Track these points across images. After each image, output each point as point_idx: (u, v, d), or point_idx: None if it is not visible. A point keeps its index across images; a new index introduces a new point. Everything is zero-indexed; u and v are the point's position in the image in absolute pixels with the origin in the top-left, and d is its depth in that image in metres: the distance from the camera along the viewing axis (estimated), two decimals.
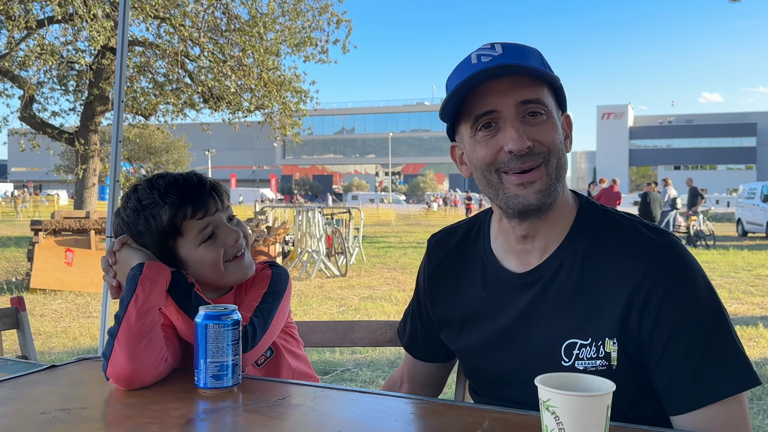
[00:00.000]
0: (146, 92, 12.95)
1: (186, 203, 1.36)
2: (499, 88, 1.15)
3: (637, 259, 1.16)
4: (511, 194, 1.18)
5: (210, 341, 1.18)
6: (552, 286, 1.21)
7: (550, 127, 1.18)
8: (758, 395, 4.17)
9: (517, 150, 1.14)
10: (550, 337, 1.20)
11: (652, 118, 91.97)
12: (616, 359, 1.15)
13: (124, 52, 3.38)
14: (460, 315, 1.34)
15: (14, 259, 11.76)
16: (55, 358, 5.04)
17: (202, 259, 1.37)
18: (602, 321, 1.16)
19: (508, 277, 1.27)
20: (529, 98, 1.16)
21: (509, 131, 1.15)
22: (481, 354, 1.30)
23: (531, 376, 1.21)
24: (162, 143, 30.63)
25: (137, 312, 1.24)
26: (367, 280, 9.62)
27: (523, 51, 1.19)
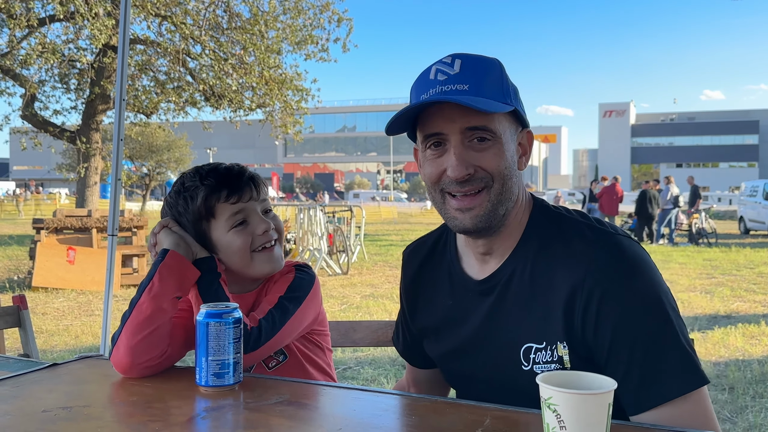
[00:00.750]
0: (148, 90, 12.95)
1: (222, 187, 1.40)
2: (447, 113, 1.17)
3: (578, 261, 1.17)
4: (451, 215, 1.22)
5: (211, 339, 1.18)
6: (508, 292, 1.23)
7: (495, 153, 1.18)
8: (760, 393, 4.17)
9: (454, 177, 1.17)
10: (509, 342, 1.22)
11: (654, 116, 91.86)
12: (569, 362, 1.16)
13: (126, 50, 3.38)
14: (433, 323, 1.37)
15: (16, 258, 11.78)
16: (57, 356, 5.05)
17: (230, 244, 1.41)
18: (553, 324, 1.17)
19: (470, 284, 1.30)
20: (475, 125, 1.17)
21: (450, 158, 1.18)
22: (453, 361, 1.34)
23: (500, 382, 1.24)
24: (164, 141, 30.55)
25: (149, 300, 1.28)
26: (368, 278, 9.62)
27: (480, 71, 1.19)
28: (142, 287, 1.30)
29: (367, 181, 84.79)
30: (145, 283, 1.30)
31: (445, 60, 1.22)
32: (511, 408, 1.08)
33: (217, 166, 1.46)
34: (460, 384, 1.39)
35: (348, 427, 1.01)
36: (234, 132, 15.94)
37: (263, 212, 1.45)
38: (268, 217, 1.46)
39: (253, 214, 1.42)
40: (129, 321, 1.29)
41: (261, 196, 1.45)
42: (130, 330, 1.27)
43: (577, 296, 1.14)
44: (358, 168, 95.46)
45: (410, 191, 78.38)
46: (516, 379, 1.22)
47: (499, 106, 1.17)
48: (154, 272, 1.30)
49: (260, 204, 1.45)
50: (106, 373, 1.32)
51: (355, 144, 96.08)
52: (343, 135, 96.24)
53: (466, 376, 1.33)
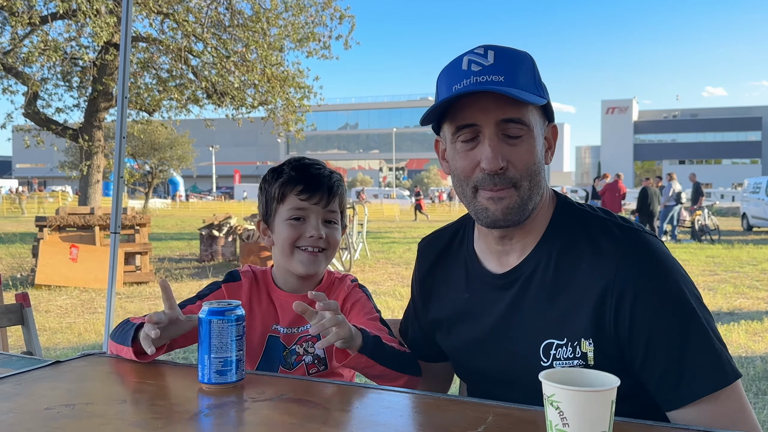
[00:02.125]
0: (150, 88, 12.96)
1: (300, 181, 1.48)
2: (483, 103, 1.16)
3: (607, 259, 1.16)
4: (481, 207, 1.21)
5: (213, 337, 1.18)
6: (529, 287, 1.23)
7: (527, 148, 1.18)
8: (764, 390, 4.16)
9: (489, 169, 1.16)
10: (528, 337, 1.21)
11: (657, 113, 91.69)
12: (593, 359, 1.16)
13: (128, 48, 3.38)
14: (447, 316, 1.36)
15: (19, 256, 11.80)
16: (60, 354, 5.06)
17: (281, 232, 1.49)
18: (577, 321, 1.17)
19: (488, 277, 1.29)
20: (511, 117, 1.16)
21: (486, 149, 1.16)
22: (467, 354, 1.33)
23: (515, 377, 1.23)
24: (166, 139, 30.55)
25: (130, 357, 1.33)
26: (371, 276, 9.62)
27: (515, 63, 1.18)
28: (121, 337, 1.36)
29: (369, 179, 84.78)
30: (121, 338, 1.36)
31: (478, 51, 1.20)
32: (514, 405, 1.08)
33: (311, 164, 1.53)
34: (472, 378, 1.38)
35: (351, 425, 1.01)
36: (236, 129, 15.96)
37: (325, 221, 1.50)
38: (329, 227, 1.50)
39: (312, 216, 1.48)
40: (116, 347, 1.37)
41: (330, 206, 1.49)
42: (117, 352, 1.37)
43: (608, 295, 1.14)
44: (360, 165, 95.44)
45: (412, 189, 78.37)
46: (532, 375, 1.20)
47: (534, 97, 1.17)
48: (123, 341, 1.34)
49: (326, 212, 1.49)
50: (108, 370, 1.32)
51: (357, 141, 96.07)
52: (345, 132, 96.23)
53: (480, 370, 1.31)
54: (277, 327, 1.49)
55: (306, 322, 1.44)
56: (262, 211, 1.56)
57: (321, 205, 1.48)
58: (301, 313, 1.24)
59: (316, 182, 1.48)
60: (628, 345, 1.14)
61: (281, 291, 1.52)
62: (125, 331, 1.35)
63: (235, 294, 1.50)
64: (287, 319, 1.49)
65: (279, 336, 1.48)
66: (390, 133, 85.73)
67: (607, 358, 1.15)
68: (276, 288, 1.53)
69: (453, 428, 0.99)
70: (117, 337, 1.38)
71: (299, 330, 1.48)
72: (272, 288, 1.53)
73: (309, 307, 1.24)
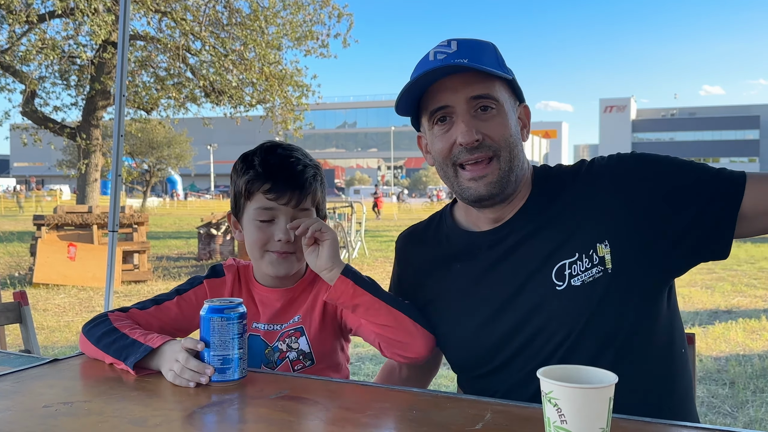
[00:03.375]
0: (148, 87, 12.94)
1: (267, 179, 1.37)
2: (451, 85, 1.23)
3: (591, 177, 1.27)
4: (465, 186, 1.26)
5: (214, 334, 1.17)
6: (523, 231, 1.27)
7: (500, 121, 1.25)
8: (761, 388, 4.17)
9: (465, 143, 1.22)
10: (536, 270, 1.24)
11: (655, 111, 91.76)
12: (610, 261, 1.19)
13: (126, 46, 3.37)
14: (439, 294, 1.36)
15: (17, 254, 11.79)
16: (58, 352, 5.06)
17: (249, 232, 1.40)
18: (585, 233, 1.22)
19: (477, 237, 1.33)
20: (479, 93, 1.23)
21: (460, 125, 1.23)
22: (468, 316, 1.31)
23: (527, 317, 1.23)
24: (164, 138, 30.51)
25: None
26: (369, 274, 9.54)
27: (477, 48, 1.26)
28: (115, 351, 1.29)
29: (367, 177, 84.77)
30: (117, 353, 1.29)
31: (442, 44, 1.27)
32: (512, 402, 1.08)
33: (283, 156, 1.40)
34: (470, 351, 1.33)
35: (349, 422, 1.01)
36: (234, 128, 15.92)
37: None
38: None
39: (281, 217, 1.37)
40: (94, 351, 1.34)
41: (302, 204, 1.38)
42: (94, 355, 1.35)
43: (610, 197, 1.22)
44: (358, 164, 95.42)
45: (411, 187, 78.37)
46: (547, 305, 1.22)
47: (498, 71, 1.22)
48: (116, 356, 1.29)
49: (297, 211, 1.38)
50: (106, 368, 1.32)
51: (355, 140, 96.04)
52: (344, 131, 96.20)
53: (482, 326, 1.28)
54: (257, 325, 1.43)
55: (288, 317, 1.42)
56: (231, 204, 1.46)
57: (291, 205, 1.37)
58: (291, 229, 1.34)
59: (285, 180, 1.36)
60: (667, 228, 1.19)
61: (261, 286, 1.46)
62: (120, 344, 1.28)
63: (217, 290, 1.45)
64: (267, 315, 1.43)
65: (259, 334, 1.42)
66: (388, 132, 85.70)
67: (624, 256, 1.19)
68: (256, 283, 1.47)
69: (451, 425, 0.99)
70: (105, 345, 1.31)
71: (281, 327, 1.42)
72: (253, 283, 1.47)
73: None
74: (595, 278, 1.19)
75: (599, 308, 1.19)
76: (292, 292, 1.45)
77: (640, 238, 1.20)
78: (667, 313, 1.27)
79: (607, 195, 1.23)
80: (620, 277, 1.19)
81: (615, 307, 1.19)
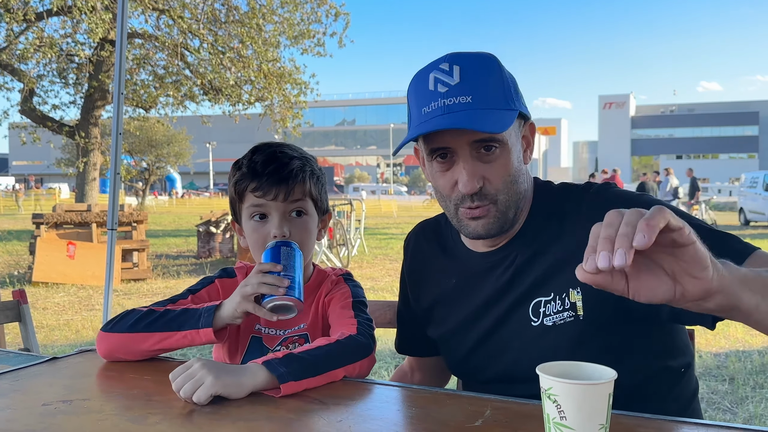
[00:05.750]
0: (146, 85, 12.93)
1: (253, 177, 1.37)
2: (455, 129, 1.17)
3: (577, 212, 1.23)
4: (464, 224, 1.25)
5: (282, 260, 1.28)
6: (514, 262, 1.27)
7: (502, 163, 1.20)
8: (760, 384, 4.18)
9: (465, 192, 1.19)
10: (517, 302, 1.25)
11: (654, 108, 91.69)
12: (581, 308, 1.18)
13: (124, 44, 3.37)
14: (438, 302, 1.39)
15: (16, 253, 11.78)
16: (57, 350, 5.05)
17: (248, 233, 1.42)
18: (562, 275, 1.20)
19: (474, 258, 1.33)
20: (482, 138, 1.17)
21: (461, 172, 1.19)
22: (459, 335, 1.34)
23: (506, 346, 1.25)
24: (163, 136, 30.49)
25: (158, 347, 1.30)
26: (369, 272, 9.63)
27: (481, 77, 1.18)
28: (165, 325, 1.29)
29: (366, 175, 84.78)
30: (168, 327, 1.29)
31: (443, 67, 1.19)
32: (512, 399, 1.08)
33: (271, 153, 1.40)
34: (463, 364, 1.37)
35: (348, 419, 1.01)
36: (233, 126, 15.90)
37: (293, 212, 1.39)
38: (295, 219, 1.39)
39: (274, 213, 1.37)
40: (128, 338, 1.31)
41: (292, 196, 1.37)
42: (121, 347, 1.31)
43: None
44: (357, 161, 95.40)
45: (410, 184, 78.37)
46: (524, 339, 1.23)
47: (506, 119, 1.17)
48: (183, 327, 1.28)
49: (288, 204, 1.38)
50: (105, 366, 1.32)
51: (354, 137, 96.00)
52: (343, 128, 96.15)
53: (470, 349, 1.32)
54: (259, 327, 1.44)
55: (291, 323, 1.42)
56: (231, 211, 1.49)
57: (280, 200, 1.36)
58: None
59: (269, 175, 1.36)
60: None
61: None
62: (168, 317, 1.28)
63: (229, 290, 1.43)
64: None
65: (261, 337, 1.43)
66: (387, 129, 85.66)
67: (597, 305, 1.17)
68: None
69: (451, 422, 0.99)
70: (146, 326, 1.29)
71: (284, 332, 1.42)
72: None
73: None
74: (566, 322, 1.19)
75: (569, 352, 1.15)
76: None
77: (615, 296, 1.16)
78: (660, 341, 1.25)
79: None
80: (592, 324, 1.17)
81: (587, 352, 1.14)
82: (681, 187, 16.82)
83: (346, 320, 1.33)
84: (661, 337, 1.26)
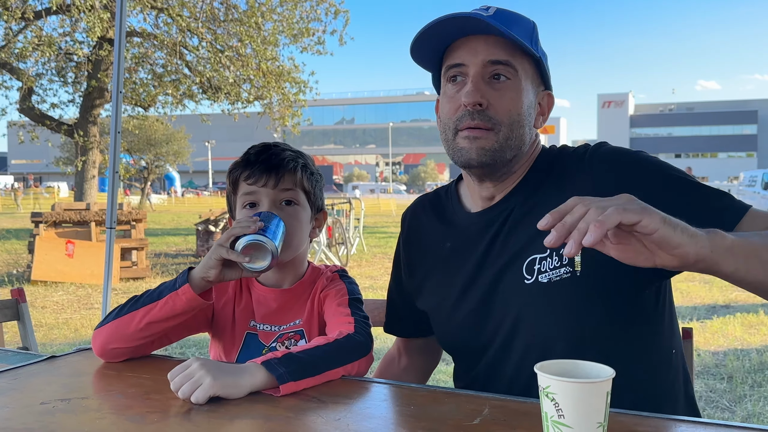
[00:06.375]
0: (145, 83, 12.91)
1: (246, 165, 1.41)
2: (473, 44, 1.19)
3: (577, 168, 1.21)
4: (459, 146, 1.22)
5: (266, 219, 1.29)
6: (506, 221, 1.25)
7: (511, 95, 1.19)
8: (759, 382, 4.18)
9: (467, 102, 1.17)
10: (510, 261, 1.22)
11: (653, 107, 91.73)
12: (579, 263, 1.15)
13: (122, 43, 3.36)
14: (431, 270, 1.37)
15: (15, 252, 11.78)
16: (56, 349, 5.05)
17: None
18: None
19: (466, 218, 1.32)
20: (498, 59, 1.18)
21: (468, 85, 1.18)
22: (451, 300, 1.31)
23: (499, 309, 1.23)
24: (162, 134, 30.49)
25: (145, 322, 1.28)
26: (368, 270, 9.63)
27: (514, 18, 1.22)
28: (142, 301, 1.29)
29: (365, 173, 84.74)
30: (147, 301, 1.29)
31: (483, 7, 1.23)
32: (510, 397, 1.08)
33: (265, 147, 1.45)
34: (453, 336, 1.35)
35: (347, 417, 1.01)
36: (232, 124, 15.90)
37: (283, 201, 1.40)
38: (286, 208, 1.40)
39: (264, 200, 1.39)
40: (118, 323, 1.29)
41: (282, 184, 1.39)
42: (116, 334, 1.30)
43: (591, 191, 1.14)
44: (356, 160, 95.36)
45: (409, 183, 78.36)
46: (516, 298, 1.21)
47: (521, 41, 1.17)
48: (158, 296, 1.28)
49: (278, 192, 1.39)
50: (104, 365, 1.32)
51: (353, 136, 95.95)
52: (342, 127, 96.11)
53: (464, 316, 1.29)
54: (254, 324, 1.44)
55: (287, 319, 1.43)
56: (228, 209, 1.51)
57: (270, 186, 1.38)
58: None
59: (261, 163, 1.40)
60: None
61: (261, 285, 1.46)
62: (149, 293, 1.29)
63: (221, 288, 1.45)
64: (262, 315, 1.44)
65: (257, 333, 1.43)
66: (386, 128, 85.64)
67: (595, 263, 1.08)
68: (256, 282, 1.47)
69: (449, 420, 0.99)
70: (129, 307, 1.29)
71: (279, 328, 1.43)
72: (252, 282, 1.47)
73: None
74: (562, 278, 1.17)
75: (564, 309, 1.17)
76: (290, 293, 1.45)
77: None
78: (654, 314, 1.24)
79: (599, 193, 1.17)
80: (587, 280, 1.14)
81: (581, 310, 1.16)
82: None
83: (343, 318, 1.33)
84: (657, 308, 1.24)
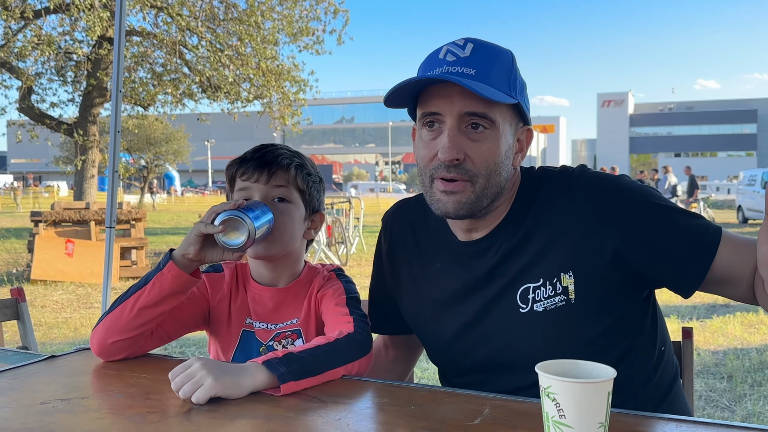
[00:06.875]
0: (144, 82, 12.89)
1: (243, 163, 1.43)
2: (449, 93, 1.17)
3: (566, 198, 1.22)
4: (436, 198, 1.21)
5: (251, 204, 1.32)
6: (499, 251, 1.25)
7: (488, 145, 1.18)
8: (759, 381, 4.18)
9: (444, 159, 1.17)
10: (503, 290, 1.23)
11: (653, 106, 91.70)
12: (574, 292, 1.17)
13: (122, 42, 3.36)
14: (418, 284, 1.36)
15: (15, 251, 11.77)
16: (56, 348, 5.05)
17: None
18: (551, 259, 1.19)
19: (457, 246, 1.31)
20: (474, 111, 1.16)
21: (444, 139, 1.17)
22: (440, 322, 1.32)
23: (491, 333, 1.24)
24: (161, 134, 30.45)
25: (137, 308, 1.28)
26: (367, 270, 9.61)
27: (491, 58, 1.19)
28: (132, 290, 1.30)
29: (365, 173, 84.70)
30: (135, 288, 1.30)
31: (458, 42, 1.21)
32: (510, 397, 1.08)
33: (263, 145, 1.48)
34: (442, 354, 1.37)
35: (347, 417, 1.01)
36: (232, 124, 15.89)
37: (275, 198, 1.40)
38: (278, 205, 1.40)
39: (256, 195, 1.40)
40: (113, 318, 1.29)
41: (274, 180, 1.40)
42: (111, 328, 1.30)
43: (585, 226, 1.18)
44: (356, 159, 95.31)
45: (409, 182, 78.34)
46: (509, 325, 1.22)
47: (501, 96, 1.16)
48: (146, 280, 1.29)
49: (270, 188, 1.40)
50: (104, 364, 1.32)
51: (353, 135, 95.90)
52: (341, 126, 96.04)
53: (452, 337, 1.30)
54: (251, 322, 1.45)
55: (283, 318, 1.44)
56: None
57: (262, 182, 1.40)
58: None
59: (256, 160, 1.42)
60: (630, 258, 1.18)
61: (256, 284, 1.46)
62: (138, 282, 1.30)
63: (216, 284, 1.47)
64: (259, 313, 1.44)
65: (254, 331, 1.44)
66: (386, 127, 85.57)
67: (589, 287, 1.17)
68: (252, 281, 1.47)
69: (449, 420, 0.99)
70: (121, 298, 1.30)
71: (276, 326, 1.43)
72: (249, 281, 1.48)
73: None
74: (557, 306, 1.18)
75: (559, 337, 1.18)
76: (286, 292, 1.45)
77: (606, 276, 1.18)
78: (644, 321, 1.28)
79: (584, 222, 1.19)
80: (582, 306, 1.17)
81: (577, 335, 1.19)
82: (679, 185, 16.83)
83: (342, 317, 1.33)
84: (646, 320, 1.28)
